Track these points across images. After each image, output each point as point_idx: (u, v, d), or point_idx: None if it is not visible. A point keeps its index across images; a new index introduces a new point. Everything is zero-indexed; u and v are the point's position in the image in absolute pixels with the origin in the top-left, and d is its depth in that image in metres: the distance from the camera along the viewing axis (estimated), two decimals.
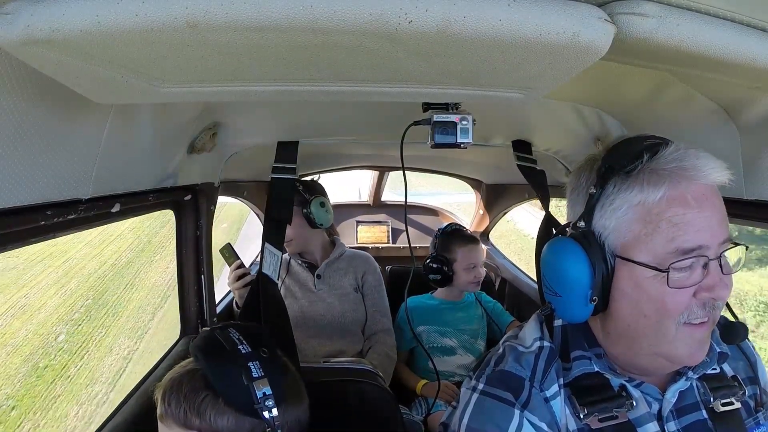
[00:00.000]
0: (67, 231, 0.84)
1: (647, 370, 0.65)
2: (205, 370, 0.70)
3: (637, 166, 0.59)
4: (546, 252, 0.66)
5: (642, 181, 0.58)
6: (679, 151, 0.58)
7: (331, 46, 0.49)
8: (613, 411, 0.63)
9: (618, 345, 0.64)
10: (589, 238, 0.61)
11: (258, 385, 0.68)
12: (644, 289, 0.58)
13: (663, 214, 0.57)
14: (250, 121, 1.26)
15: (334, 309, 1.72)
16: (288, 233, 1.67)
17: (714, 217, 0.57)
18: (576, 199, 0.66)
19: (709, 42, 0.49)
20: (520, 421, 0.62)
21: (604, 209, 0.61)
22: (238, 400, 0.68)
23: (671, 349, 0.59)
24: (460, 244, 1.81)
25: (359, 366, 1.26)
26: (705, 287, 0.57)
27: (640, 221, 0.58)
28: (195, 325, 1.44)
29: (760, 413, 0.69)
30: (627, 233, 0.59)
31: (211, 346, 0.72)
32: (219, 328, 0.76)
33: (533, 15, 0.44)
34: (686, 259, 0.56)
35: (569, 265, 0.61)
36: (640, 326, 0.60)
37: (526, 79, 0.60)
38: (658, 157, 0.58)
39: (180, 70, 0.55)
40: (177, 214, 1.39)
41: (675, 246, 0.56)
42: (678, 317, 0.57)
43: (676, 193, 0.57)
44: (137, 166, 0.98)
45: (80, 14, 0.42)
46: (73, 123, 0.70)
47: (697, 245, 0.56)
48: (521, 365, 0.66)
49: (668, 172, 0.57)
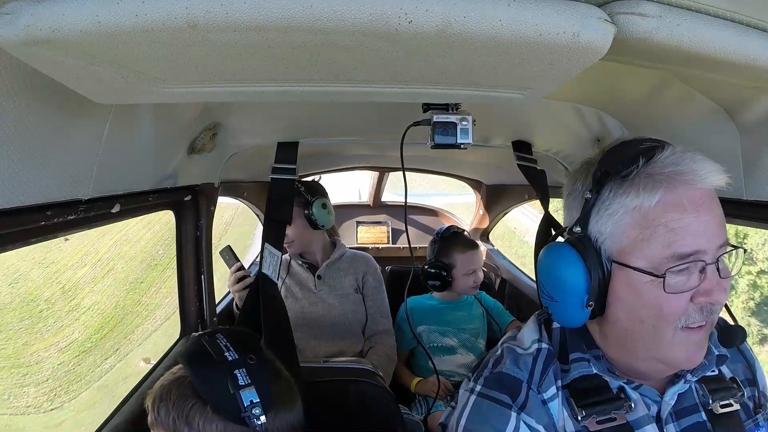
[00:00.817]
0: (67, 231, 0.84)
1: (645, 373, 0.65)
2: (192, 378, 0.70)
3: (633, 170, 0.58)
4: (542, 257, 0.66)
5: (638, 186, 0.58)
6: (676, 154, 0.58)
7: (331, 47, 0.49)
8: (612, 413, 0.62)
9: (616, 349, 0.64)
10: (585, 243, 0.61)
11: (244, 392, 0.68)
12: (641, 294, 0.58)
13: (659, 219, 0.56)
14: (250, 122, 1.26)
15: (334, 310, 1.72)
16: (289, 234, 1.67)
17: (711, 222, 0.57)
18: (572, 203, 0.66)
19: (709, 42, 0.49)
20: (517, 424, 0.61)
21: (600, 214, 0.60)
22: (226, 408, 0.68)
23: (668, 354, 0.59)
24: (459, 250, 1.79)
25: (359, 366, 1.26)
26: (702, 292, 0.56)
27: (637, 226, 0.58)
28: (195, 326, 1.44)
29: (759, 415, 0.69)
30: (623, 238, 0.59)
31: (198, 353, 0.72)
32: (207, 334, 0.76)
33: (533, 15, 0.44)
34: (683, 264, 0.56)
35: (565, 271, 0.61)
36: (637, 331, 0.60)
37: (526, 79, 0.60)
38: (654, 161, 0.58)
39: (180, 71, 0.55)
40: (177, 214, 1.39)
41: (672, 251, 0.56)
42: (675, 322, 0.57)
43: (672, 198, 0.56)
44: (137, 167, 0.98)
45: (80, 14, 0.42)
46: (73, 123, 0.70)
47: (694, 250, 0.55)
48: (519, 367, 0.66)
49: (665, 176, 0.57)
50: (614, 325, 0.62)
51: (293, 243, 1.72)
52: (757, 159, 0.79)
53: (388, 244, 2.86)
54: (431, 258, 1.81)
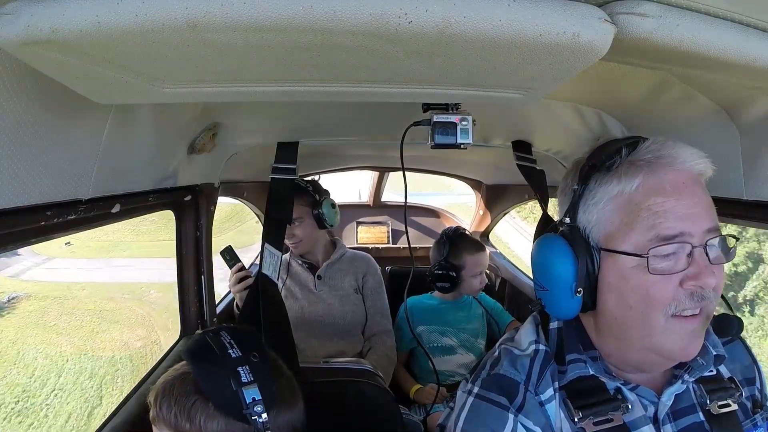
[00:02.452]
0: (67, 231, 0.84)
1: (640, 366, 0.64)
2: (195, 374, 0.70)
3: (616, 160, 0.61)
4: (534, 250, 0.68)
5: (620, 174, 0.60)
6: (657, 143, 0.60)
7: (331, 47, 0.49)
8: (608, 414, 0.62)
9: (609, 341, 0.64)
10: (573, 233, 0.63)
11: (247, 389, 0.68)
12: (627, 279, 0.59)
13: (642, 203, 0.58)
14: (250, 122, 1.26)
15: (334, 310, 1.72)
16: (298, 233, 1.68)
17: (697, 205, 0.57)
18: (563, 199, 0.68)
19: (708, 42, 0.49)
20: (514, 426, 0.62)
21: (586, 204, 0.62)
22: (228, 404, 0.68)
23: (661, 342, 0.59)
24: (468, 252, 1.80)
25: (359, 366, 1.26)
26: (690, 275, 0.56)
27: (620, 211, 0.59)
28: (195, 326, 1.44)
29: (757, 415, 0.68)
30: (608, 225, 0.60)
31: (202, 350, 0.72)
32: (211, 331, 0.76)
33: (533, 15, 0.44)
34: (666, 245, 0.56)
35: (554, 259, 0.63)
36: (628, 319, 0.60)
37: (526, 79, 0.60)
38: (636, 151, 0.61)
39: (180, 71, 0.55)
40: (177, 214, 1.39)
41: (655, 233, 0.56)
42: (665, 308, 0.57)
43: (653, 182, 0.58)
44: (137, 167, 0.98)
45: (80, 14, 0.42)
46: (73, 123, 0.70)
47: (679, 232, 0.56)
48: (516, 369, 0.66)
49: (645, 162, 0.59)
50: (606, 315, 0.63)
51: (301, 243, 1.73)
52: (757, 159, 0.79)
53: (388, 244, 2.86)
54: (441, 259, 1.80)
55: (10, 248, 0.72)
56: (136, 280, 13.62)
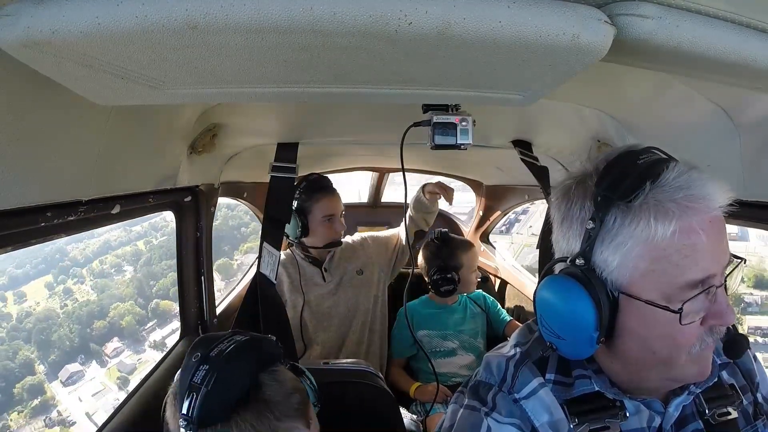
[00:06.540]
0: (67, 232, 0.84)
1: (652, 391, 0.64)
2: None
3: (639, 194, 0.54)
4: (544, 292, 0.61)
5: (648, 216, 0.53)
6: (683, 175, 0.54)
7: (331, 48, 0.49)
8: (605, 421, 0.61)
9: (624, 374, 0.63)
10: (590, 277, 0.57)
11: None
12: (653, 327, 0.55)
13: (671, 248, 0.53)
14: (250, 123, 1.26)
15: (345, 295, 1.78)
16: (343, 223, 1.77)
17: (722, 242, 0.54)
18: (569, 231, 0.60)
19: (708, 43, 0.49)
20: (488, 424, 0.62)
21: (605, 245, 0.56)
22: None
23: (682, 374, 0.58)
24: (462, 250, 1.82)
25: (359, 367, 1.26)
26: (714, 315, 0.54)
27: (647, 258, 0.54)
28: (195, 326, 1.44)
29: (759, 422, 0.68)
30: (633, 270, 0.55)
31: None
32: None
33: (533, 17, 0.44)
34: (697, 295, 0.53)
35: (572, 307, 0.57)
36: (650, 361, 0.57)
37: (526, 80, 0.60)
38: (662, 186, 0.53)
39: (180, 72, 0.55)
40: (177, 215, 1.39)
41: (685, 279, 0.53)
42: (690, 349, 0.55)
43: (685, 226, 0.53)
44: (137, 168, 0.98)
45: (80, 16, 0.42)
46: (73, 124, 0.70)
47: (706, 275, 0.53)
48: (492, 373, 0.67)
49: (676, 204, 0.53)
50: (624, 355, 0.60)
51: (341, 233, 1.79)
52: (757, 159, 0.79)
53: None
54: (439, 263, 1.81)
55: (11, 249, 0.72)
56: None
